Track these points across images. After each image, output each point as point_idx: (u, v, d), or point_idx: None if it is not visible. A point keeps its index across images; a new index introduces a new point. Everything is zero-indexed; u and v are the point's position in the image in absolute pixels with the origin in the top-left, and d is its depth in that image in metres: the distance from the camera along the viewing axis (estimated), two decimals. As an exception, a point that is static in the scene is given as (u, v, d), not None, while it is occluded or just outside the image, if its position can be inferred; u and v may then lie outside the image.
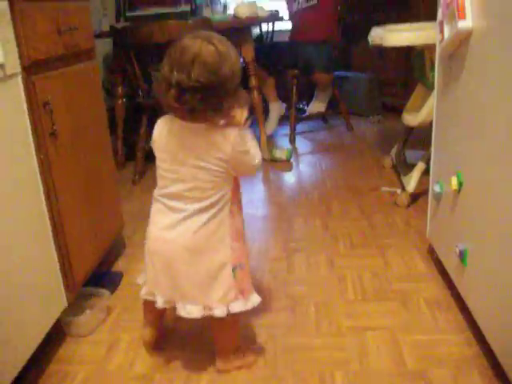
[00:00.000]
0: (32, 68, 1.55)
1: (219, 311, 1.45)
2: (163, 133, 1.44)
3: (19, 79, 1.48)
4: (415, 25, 2.74)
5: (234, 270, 1.47)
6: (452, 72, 1.71)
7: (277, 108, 4.21)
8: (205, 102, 1.29)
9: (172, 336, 1.74)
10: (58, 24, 1.71)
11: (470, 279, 1.59)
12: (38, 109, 1.56)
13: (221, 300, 1.46)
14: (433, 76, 2.57)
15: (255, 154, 1.45)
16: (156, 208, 1.48)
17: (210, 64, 1.27)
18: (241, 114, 1.41)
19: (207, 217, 1.41)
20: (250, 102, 1.48)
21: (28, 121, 1.52)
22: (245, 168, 1.45)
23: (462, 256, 1.58)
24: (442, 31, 1.68)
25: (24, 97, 1.51)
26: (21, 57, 1.49)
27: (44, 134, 1.59)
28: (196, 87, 1.27)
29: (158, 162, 1.45)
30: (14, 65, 1.45)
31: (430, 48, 2.54)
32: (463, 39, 1.53)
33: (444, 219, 1.84)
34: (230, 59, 1.31)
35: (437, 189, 1.85)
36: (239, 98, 1.39)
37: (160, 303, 1.49)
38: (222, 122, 1.38)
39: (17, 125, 1.48)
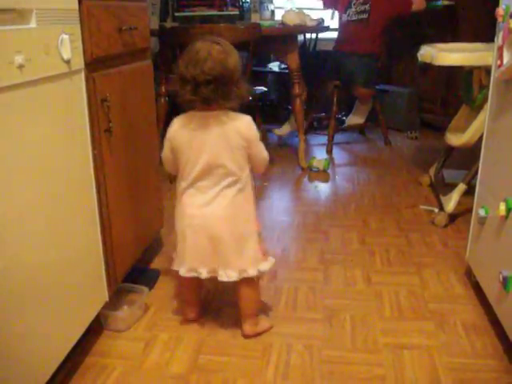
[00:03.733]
0: (93, 65, 1.58)
1: (252, 271, 1.69)
2: (182, 128, 1.64)
3: (82, 75, 1.51)
4: (466, 45, 2.73)
5: (258, 235, 1.72)
6: (508, 97, 1.70)
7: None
8: (217, 91, 1.52)
9: (211, 339, 1.76)
10: (119, 22, 1.75)
11: (511, 306, 1.58)
12: (97, 105, 1.59)
13: (253, 262, 1.69)
14: (480, 98, 2.57)
15: (263, 147, 1.68)
16: (186, 194, 1.68)
17: (218, 59, 1.51)
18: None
19: (234, 192, 1.63)
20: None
21: (87, 116, 1.55)
22: (257, 154, 1.67)
23: (506, 282, 1.57)
24: (500, 57, 1.66)
25: (85, 93, 1.54)
26: (84, 53, 1.52)
27: (100, 130, 1.62)
28: (209, 79, 1.50)
29: (181, 155, 1.64)
30: (78, 61, 1.48)
31: (480, 70, 2.54)
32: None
33: (487, 244, 1.82)
34: (233, 56, 1.56)
35: (482, 213, 1.83)
36: (243, 88, 1.61)
37: (204, 274, 1.70)
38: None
39: (77, 119, 1.51)
